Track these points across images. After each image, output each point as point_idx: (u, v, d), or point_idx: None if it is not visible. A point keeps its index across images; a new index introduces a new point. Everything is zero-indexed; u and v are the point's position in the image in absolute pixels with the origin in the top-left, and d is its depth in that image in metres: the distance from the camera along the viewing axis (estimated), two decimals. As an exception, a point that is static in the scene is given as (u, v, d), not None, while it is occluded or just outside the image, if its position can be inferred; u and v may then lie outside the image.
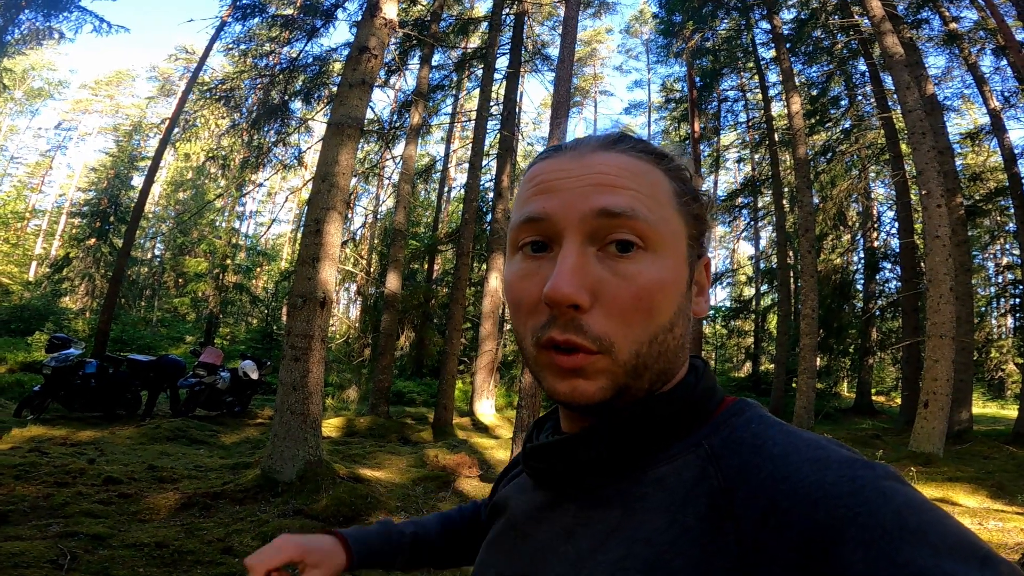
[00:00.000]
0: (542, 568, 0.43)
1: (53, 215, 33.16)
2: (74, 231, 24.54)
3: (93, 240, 20.54)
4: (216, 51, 12.07)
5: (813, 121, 14.17)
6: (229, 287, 20.08)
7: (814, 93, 14.60)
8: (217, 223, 24.69)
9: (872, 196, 16.73)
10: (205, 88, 12.32)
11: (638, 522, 0.39)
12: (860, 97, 14.20)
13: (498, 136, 10.99)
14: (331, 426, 8.26)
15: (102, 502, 3.57)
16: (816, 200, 14.96)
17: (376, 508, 4.09)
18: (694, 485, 0.38)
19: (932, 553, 0.30)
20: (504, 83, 10.44)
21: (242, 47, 11.73)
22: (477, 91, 10.58)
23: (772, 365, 18.20)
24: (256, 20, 11.24)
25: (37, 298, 20.10)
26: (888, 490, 0.33)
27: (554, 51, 10.26)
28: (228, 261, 20.17)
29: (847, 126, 14.41)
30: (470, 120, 11.01)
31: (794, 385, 11.17)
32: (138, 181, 21.74)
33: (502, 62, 11.06)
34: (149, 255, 27.91)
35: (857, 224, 16.70)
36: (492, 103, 10.68)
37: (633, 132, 0.50)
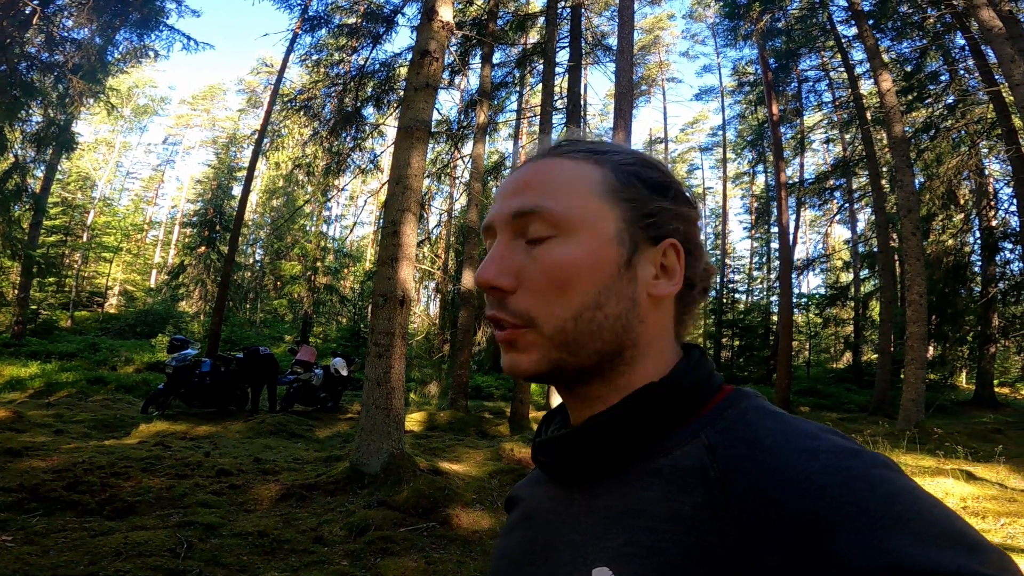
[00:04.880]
0: (553, 556, 0.46)
1: (167, 226, 36.89)
2: (187, 240, 27.05)
3: (203, 248, 22.57)
4: (292, 63, 12.86)
5: (910, 98, 13.16)
6: (320, 288, 21.40)
7: (908, 69, 13.54)
8: (307, 228, 26.39)
9: (986, 173, 14.98)
10: (286, 99, 13.15)
11: (638, 511, 0.41)
12: (962, 72, 12.90)
13: (564, 131, 10.90)
14: (414, 420, 8.63)
15: (215, 493, 3.99)
16: (921, 179, 13.72)
17: (453, 500, 4.22)
18: (692, 475, 0.40)
19: (917, 540, 0.30)
20: (566, 77, 10.34)
21: (315, 57, 12.36)
22: (540, 86, 10.55)
23: (875, 355, 16.80)
24: (323, 31, 11.89)
25: (158, 303, 22.50)
26: (876, 478, 0.34)
27: (614, 41, 10.03)
28: (318, 263, 21.50)
29: (950, 101, 13.09)
30: (536, 116, 11.00)
31: (902, 376, 10.26)
32: (238, 190, 23.51)
33: (563, 56, 10.94)
34: (251, 260, 30.13)
35: (971, 203, 15.01)
36: (556, 97, 10.60)
37: (582, 137, 0.53)
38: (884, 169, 14.22)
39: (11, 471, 3.87)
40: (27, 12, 8.66)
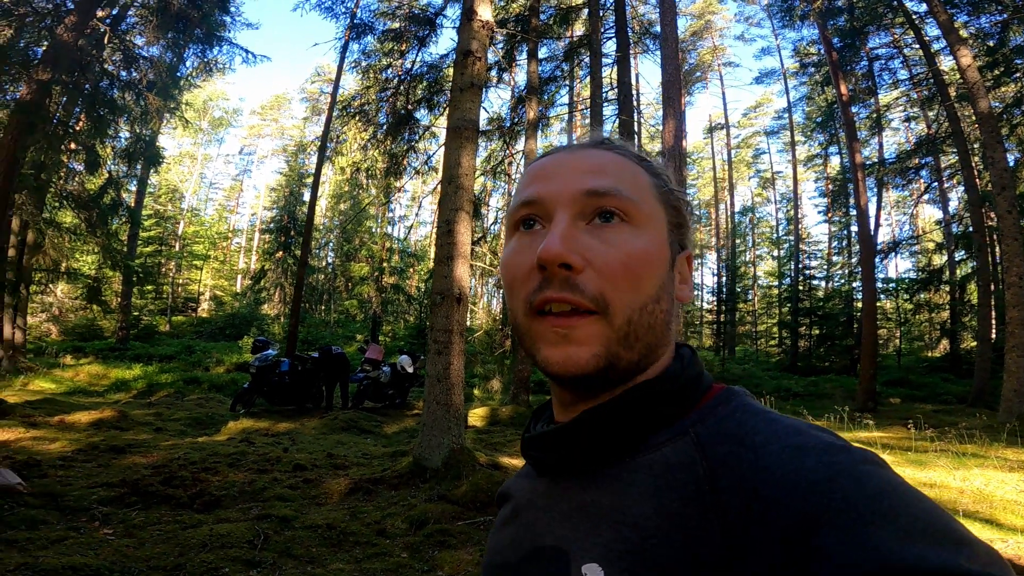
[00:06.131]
0: (543, 551, 0.46)
1: (248, 233, 39.38)
2: (266, 246, 28.77)
3: (280, 253, 23.90)
4: (346, 69, 13.29)
5: (997, 73, 12.16)
6: (387, 288, 22.17)
7: (991, 44, 12.48)
8: (373, 230, 27.39)
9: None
10: (343, 105, 13.64)
11: (627, 507, 0.41)
12: (1049, 45, 11.68)
13: (617, 122, 10.74)
14: (477, 416, 8.81)
15: (291, 487, 4.29)
16: (1017, 155, 12.56)
17: (512, 496, 4.27)
18: (681, 472, 0.40)
19: (903, 536, 0.30)
20: (615, 68, 10.10)
21: (364, 63, 12.70)
22: (589, 79, 10.40)
23: (975, 342, 15.36)
24: (370, 37, 12.24)
25: (244, 307, 24.18)
26: (864, 474, 0.34)
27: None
28: (385, 264, 22.28)
29: (1040, 74, 11.91)
30: (587, 108, 10.84)
31: (1004, 365, 9.36)
32: (308, 196, 24.73)
33: (610, 47, 10.75)
34: (324, 263, 31.64)
35: (1072, 177, 13.43)
36: (606, 89, 10.39)
37: (618, 140, 0.54)
38: (976, 146, 13.03)
39: (115, 467, 4.34)
40: (101, 32, 9.30)
